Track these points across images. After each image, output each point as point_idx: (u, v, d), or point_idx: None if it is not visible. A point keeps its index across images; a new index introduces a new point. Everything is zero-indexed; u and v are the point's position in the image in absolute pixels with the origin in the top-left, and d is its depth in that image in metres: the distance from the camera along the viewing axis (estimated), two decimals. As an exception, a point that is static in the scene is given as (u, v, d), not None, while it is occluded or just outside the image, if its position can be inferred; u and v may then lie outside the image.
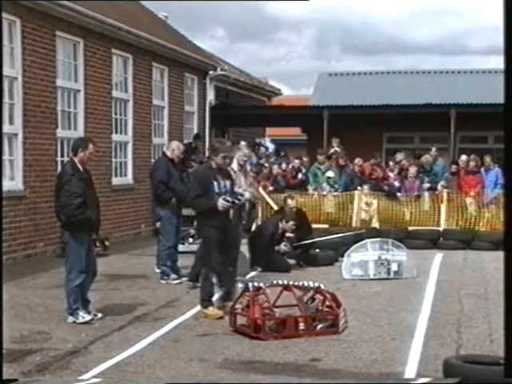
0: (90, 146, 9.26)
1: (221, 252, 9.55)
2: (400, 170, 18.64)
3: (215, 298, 9.72)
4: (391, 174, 18.73)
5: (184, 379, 6.91)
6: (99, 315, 9.33)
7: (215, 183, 9.47)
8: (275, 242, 13.36)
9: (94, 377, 6.94)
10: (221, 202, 9.32)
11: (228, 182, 9.65)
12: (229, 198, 9.42)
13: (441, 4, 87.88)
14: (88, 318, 9.09)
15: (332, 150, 20.18)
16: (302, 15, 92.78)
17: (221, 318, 9.31)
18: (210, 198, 9.40)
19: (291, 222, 13.52)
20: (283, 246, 13.42)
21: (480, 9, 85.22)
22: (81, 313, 9.10)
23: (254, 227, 14.57)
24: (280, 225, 13.49)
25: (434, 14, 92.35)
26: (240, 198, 9.73)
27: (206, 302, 9.56)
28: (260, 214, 16.75)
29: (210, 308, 9.54)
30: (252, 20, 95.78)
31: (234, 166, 11.78)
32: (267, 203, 16.97)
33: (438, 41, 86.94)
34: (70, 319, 9.08)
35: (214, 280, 9.65)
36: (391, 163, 19.23)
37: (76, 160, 9.15)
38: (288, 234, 13.53)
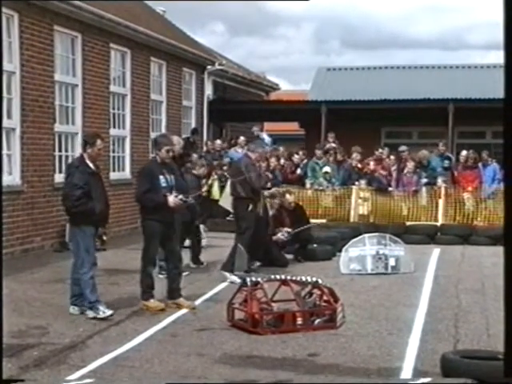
0: (98, 141, 9.31)
1: (164, 247, 9.80)
2: (399, 162, 18.63)
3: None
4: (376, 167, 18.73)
5: (181, 374, 6.91)
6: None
7: (161, 177, 9.56)
8: (269, 228, 13.26)
9: (91, 371, 6.95)
10: (173, 199, 9.45)
11: (173, 176, 9.76)
12: (182, 197, 9.56)
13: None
14: (109, 312, 9.03)
15: (328, 146, 20.17)
16: (302, 10, 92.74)
17: (162, 310, 9.44)
18: (158, 192, 9.49)
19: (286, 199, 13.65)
20: (281, 235, 13.38)
21: (479, 4, 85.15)
22: (101, 307, 9.05)
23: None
24: (269, 210, 13.39)
25: (434, 9, 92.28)
26: (188, 198, 9.82)
27: (146, 294, 9.66)
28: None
29: (151, 300, 9.63)
30: (252, 15, 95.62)
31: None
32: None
33: (437, 36, 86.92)
34: (91, 314, 9.04)
35: (154, 273, 9.95)
36: (392, 157, 19.14)
37: (85, 156, 9.25)
38: (285, 230, 13.49)
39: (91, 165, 9.25)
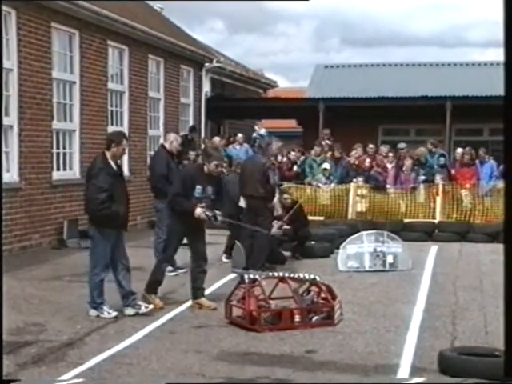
0: (124, 141, 9.25)
1: (191, 246, 9.83)
2: (398, 159, 18.66)
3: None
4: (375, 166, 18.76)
5: (179, 371, 6.92)
6: (151, 306, 9.23)
7: (199, 187, 9.51)
8: None
9: (89, 369, 6.96)
10: (199, 212, 9.39)
11: (212, 189, 9.64)
12: (208, 213, 9.47)
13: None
14: (114, 314, 8.97)
15: (323, 143, 20.18)
16: (301, 8, 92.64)
17: (161, 308, 9.46)
18: (189, 199, 9.47)
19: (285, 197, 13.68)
20: (276, 229, 13.23)
21: (477, 2, 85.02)
22: (105, 307, 9.00)
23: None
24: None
25: (432, 7, 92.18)
26: (217, 217, 9.74)
27: (150, 288, 9.67)
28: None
29: (153, 296, 9.64)
30: (251, 12, 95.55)
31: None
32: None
33: (436, 34, 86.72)
34: (93, 313, 8.99)
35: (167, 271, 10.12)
36: (391, 154, 19.14)
37: (108, 154, 9.06)
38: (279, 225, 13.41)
39: (113, 165, 9.09)
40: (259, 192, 11.99)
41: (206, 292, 9.99)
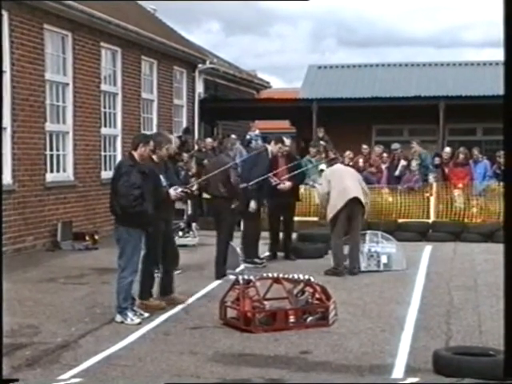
0: (151, 142, 9.26)
1: (164, 244, 9.82)
2: (392, 160, 18.68)
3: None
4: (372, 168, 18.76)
5: (174, 373, 6.92)
6: (146, 315, 9.08)
7: (161, 177, 9.56)
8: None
9: (83, 371, 6.95)
10: (173, 193, 9.46)
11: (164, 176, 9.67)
12: (180, 188, 9.51)
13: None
14: (137, 320, 8.81)
15: (318, 144, 20.18)
16: (296, 8, 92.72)
17: (162, 308, 9.46)
18: (161, 190, 9.50)
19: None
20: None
21: (474, 3, 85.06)
22: (130, 314, 8.86)
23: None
24: None
25: (428, 7, 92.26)
26: (190, 188, 9.71)
27: (145, 294, 9.64)
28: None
29: (151, 299, 9.66)
30: (246, 13, 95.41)
31: None
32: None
33: (432, 34, 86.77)
34: (119, 318, 8.85)
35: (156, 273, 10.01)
36: (385, 154, 19.16)
37: (135, 154, 9.05)
38: None
39: (141, 164, 9.07)
40: (220, 192, 11.92)
41: (200, 293, 9.99)
